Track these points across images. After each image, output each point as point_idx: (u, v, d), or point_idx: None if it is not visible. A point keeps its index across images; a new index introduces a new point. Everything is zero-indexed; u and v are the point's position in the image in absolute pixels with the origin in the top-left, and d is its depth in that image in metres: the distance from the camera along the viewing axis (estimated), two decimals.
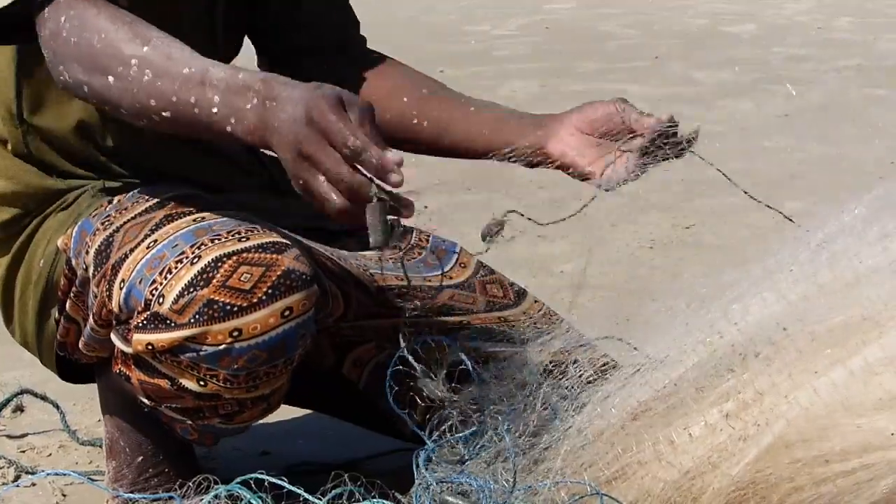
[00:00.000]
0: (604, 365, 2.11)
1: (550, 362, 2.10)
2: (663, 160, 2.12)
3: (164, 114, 1.86)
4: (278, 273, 1.94)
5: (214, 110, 1.82)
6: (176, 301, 1.93)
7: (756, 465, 1.81)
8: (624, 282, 3.62)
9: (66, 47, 1.90)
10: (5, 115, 2.15)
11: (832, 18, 8.13)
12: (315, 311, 1.99)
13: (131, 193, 2.11)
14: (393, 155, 1.74)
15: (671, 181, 4.67)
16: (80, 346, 2.14)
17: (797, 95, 6.08)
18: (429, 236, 2.42)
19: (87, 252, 2.06)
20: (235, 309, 1.93)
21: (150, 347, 1.96)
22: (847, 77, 6.51)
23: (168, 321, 1.94)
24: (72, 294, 2.12)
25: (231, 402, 2.01)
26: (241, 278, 1.93)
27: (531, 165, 2.20)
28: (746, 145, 5.21)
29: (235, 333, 1.93)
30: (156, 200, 2.08)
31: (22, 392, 2.72)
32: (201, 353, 1.94)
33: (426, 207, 3.93)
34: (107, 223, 2.07)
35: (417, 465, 2.01)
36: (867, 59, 6.90)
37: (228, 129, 1.83)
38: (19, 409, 2.77)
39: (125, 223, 2.06)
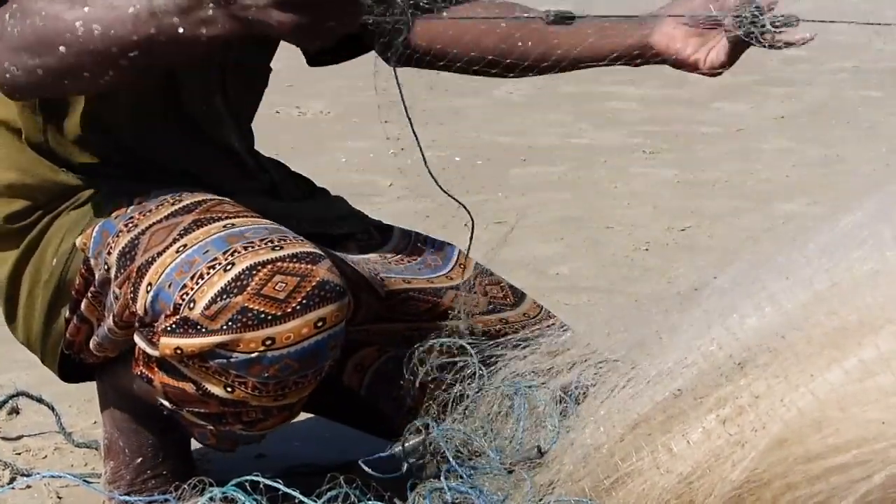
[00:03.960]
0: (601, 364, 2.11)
1: (550, 369, 2.11)
2: (757, 41, 2.13)
3: (131, 55, 1.88)
4: (313, 284, 1.94)
5: (180, 30, 1.85)
6: (208, 307, 1.93)
7: (751, 466, 1.81)
8: (619, 284, 3.63)
9: (11, 40, 1.92)
10: (25, 102, 2.14)
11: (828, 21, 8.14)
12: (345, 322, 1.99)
13: (155, 195, 2.11)
14: None
15: (667, 183, 4.68)
16: (91, 346, 2.13)
17: (792, 97, 6.08)
18: (427, 238, 2.42)
19: (110, 253, 2.06)
20: (269, 317, 1.93)
21: (178, 351, 1.95)
22: (843, 79, 6.52)
23: (199, 326, 1.93)
24: (89, 294, 2.12)
25: (256, 409, 2.00)
26: (276, 287, 1.93)
27: (636, 64, 2.24)
28: (742, 147, 5.22)
29: (268, 342, 1.93)
30: (182, 204, 2.08)
31: (18, 394, 2.71)
32: (232, 359, 1.94)
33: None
34: (130, 225, 2.07)
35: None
36: (863, 61, 6.91)
37: (204, 38, 1.85)
38: (15, 411, 2.77)
39: (151, 226, 2.05)
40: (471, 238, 2.24)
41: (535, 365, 2.12)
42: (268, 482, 1.94)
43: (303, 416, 2.57)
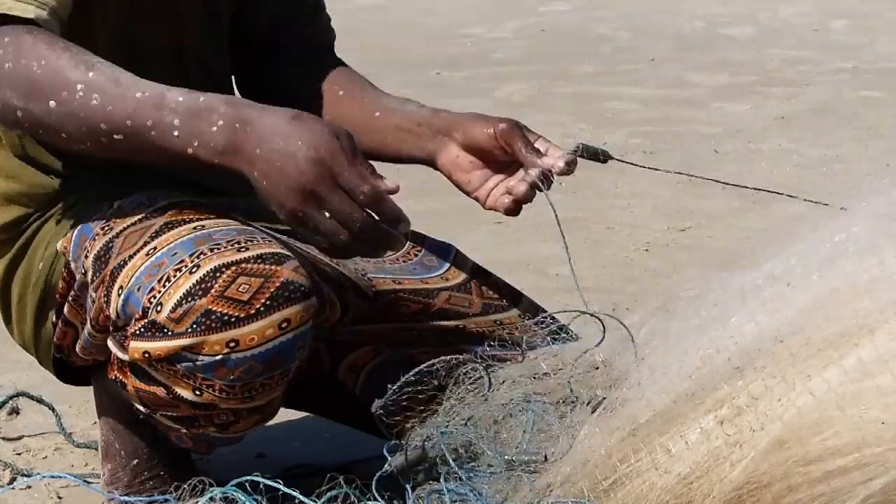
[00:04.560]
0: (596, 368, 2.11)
1: (544, 374, 2.10)
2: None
3: (115, 136, 1.89)
4: (277, 284, 1.93)
5: (175, 133, 1.86)
6: (174, 310, 1.93)
7: (750, 466, 1.81)
8: (619, 284, 3.62)
9: (1, 72, 1.90)
10: None
11: (828, 21, 8.13)
12: (313, 323, 1.99)
13: (132, 199, 2.11)
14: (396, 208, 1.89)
15: (667, 183, 4.68)
16: (77, 349, 2.14)
17: (792, 97, 6.08)
18: (424, 238, 2.42)
19: (87, 256, 2.06)
20: (233, 319, 1.92)
21: (146, 355, 1.95)
22: (843, 79, 6.52)
23: (165, 329, 1.93)
24: (70, 298, 2.12)
25: (226, 412, 2.00)
26: (240, 289, 1.93)
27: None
28: (742, 148, 5.22)
29: (232, 344, 1.93)
30: (156, 206, 2.07)
31: (18, 394, 2.72)
32: (198, 362, 1.94)
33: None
34: (107, 228, 2.07)
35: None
36: (863, 61, 6.91)
37: (190, 151, 1.87)
38: (15, 411, 2.77)
39: (125, 229, 2.05)
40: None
41: (534, 369, 2.12)
42: (268, 482, 1.94)
43: (302, 415, 2.58)
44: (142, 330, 1.95)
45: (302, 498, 1.91)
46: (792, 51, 7.19)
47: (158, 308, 1.94)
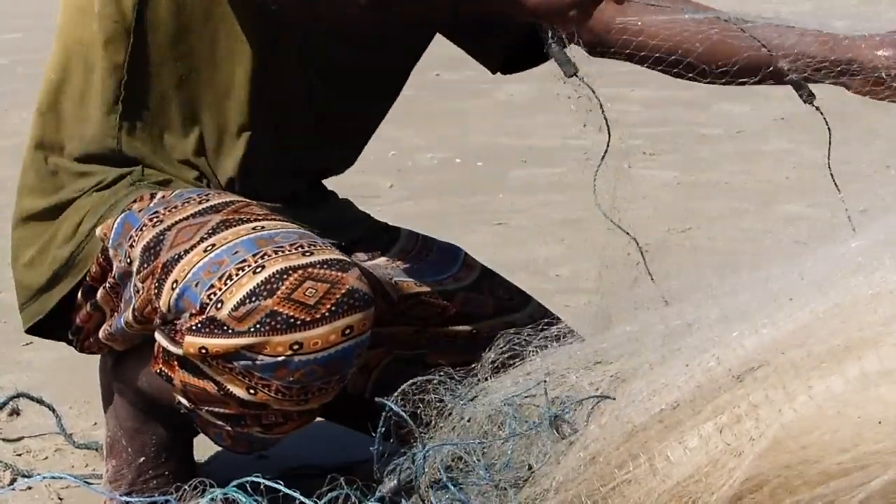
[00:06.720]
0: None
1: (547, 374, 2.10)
2: None
3: None
4: (343, 291, 1.94)
5: None
6: (236, 308, 1.93)
7: (750, 469, 1.81)
8: (620, 285, 3.62)
9: None
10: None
11: (828, 21, 8.14)
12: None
13: (178, 192, 2.11)
14: None
15: (668, 184, 4.69)
16: (101, 335, 2.13)
17: (793, 98, 6.08)
18: (433, 240, 2.43)
19: (132, 246, 2.05)
20: (298, 322, 1.93)
21: (202, 351, 1.96)
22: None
23: (225, 327, 1.94)
24: (106, 284, 2.11)
25: (277, 412, 2.01)
26: (307, 293, 1.93)
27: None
28: (743, 149, 5.22)
29: (296, 346, 1.93)
30: (209, 204, 2.07)
31: (18, 395, 2.72)
32: (257, 362, 1.94)
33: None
34: (155, 220, 2.06)
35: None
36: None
37: None
38: (15, 412, 2.78)
39: (177, 222, 2.05)
40: None
41: (532, 373, 2.12)
42: (269, 483, 1.94)
43: None
44: (199, 325, 1.95)
45: (303, 499, 1.92)
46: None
47: (219, 305, 1.94)
